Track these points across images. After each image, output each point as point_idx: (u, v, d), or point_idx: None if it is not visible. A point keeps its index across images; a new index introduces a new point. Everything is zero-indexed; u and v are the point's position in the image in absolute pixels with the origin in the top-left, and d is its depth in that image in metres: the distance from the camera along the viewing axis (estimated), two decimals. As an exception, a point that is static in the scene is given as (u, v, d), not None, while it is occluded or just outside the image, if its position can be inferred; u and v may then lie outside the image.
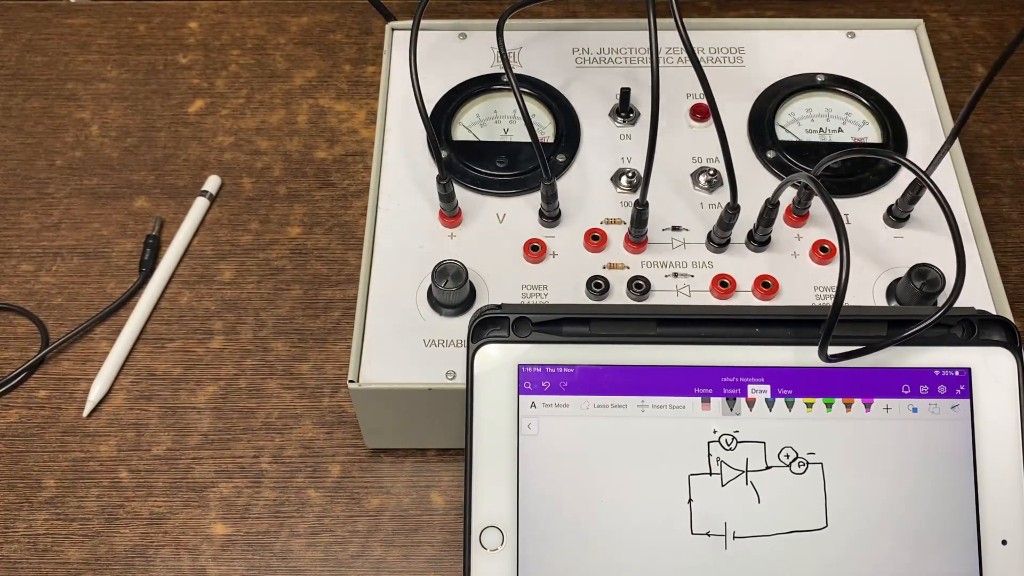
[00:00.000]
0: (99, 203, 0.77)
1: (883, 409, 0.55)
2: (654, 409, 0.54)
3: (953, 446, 0.54)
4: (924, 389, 0.55)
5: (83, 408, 0.67)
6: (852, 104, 0.70)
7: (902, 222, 0.64)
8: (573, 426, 0.54)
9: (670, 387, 0.55)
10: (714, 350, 0.55)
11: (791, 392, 0.55)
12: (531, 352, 0.55)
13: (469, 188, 0.66)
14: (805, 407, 0.55)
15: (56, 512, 0.64)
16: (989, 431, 0.54)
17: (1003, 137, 0.80)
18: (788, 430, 0.54)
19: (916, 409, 0.54)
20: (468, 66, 0.72)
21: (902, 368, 0.55)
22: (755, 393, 0.55)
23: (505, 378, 0.54)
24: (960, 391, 0.55)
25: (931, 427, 0.54)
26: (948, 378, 0.55)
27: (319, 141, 0.80)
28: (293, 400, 0.68)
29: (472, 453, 0.54)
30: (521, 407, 0.54)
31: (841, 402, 0.55)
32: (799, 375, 0.55)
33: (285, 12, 0.88)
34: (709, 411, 0.54)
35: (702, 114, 0.69)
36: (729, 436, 0.54)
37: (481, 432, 0.54)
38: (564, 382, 0.55)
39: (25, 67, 0.84)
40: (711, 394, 0.55)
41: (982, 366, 0.55)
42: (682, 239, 0.64)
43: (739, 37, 0.73)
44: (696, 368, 0.55)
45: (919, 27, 0.73)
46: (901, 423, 0.54)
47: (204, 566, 0.62)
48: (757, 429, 0.54)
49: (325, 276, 0.73)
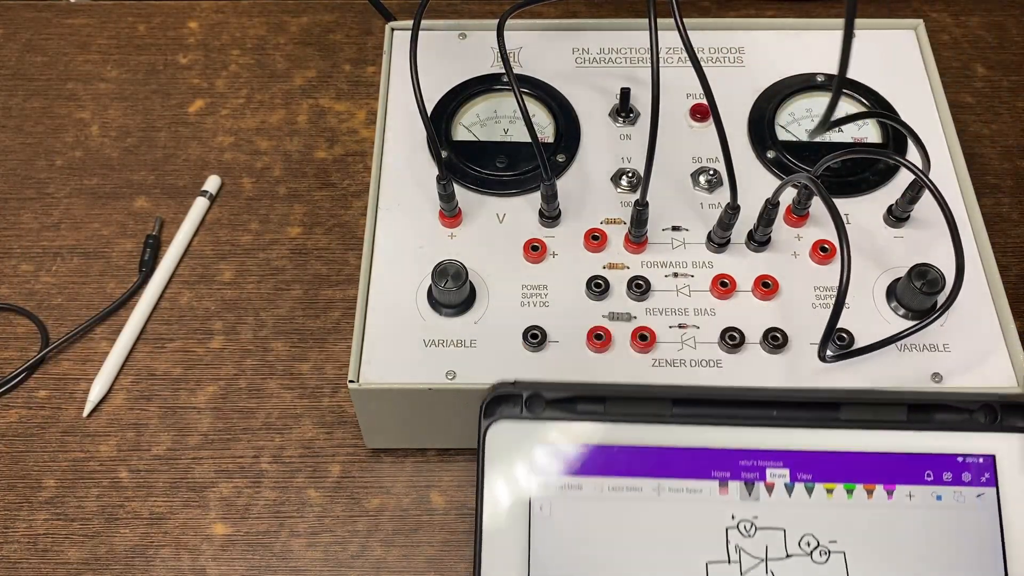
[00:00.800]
0: (99, 203, 0.77)
1: (906, 496, 0.53)
2: (670, 492, 0.53)
3: (980, 536, 0.52)
4: (948, 476, 0.53)
5: (83, 408, 0.67)
6: (852, 104, 0.70)
7: (902, 222, 0.64)
8: (587, 509, 0.53)
9: (687, 469, 0.53)
10: (731, 431, 0.54)
11: (811, 476, 0.54)
12: (544, 430, 0.54)
13: (469, 188, 0.66)
14: (825, 492, 0.53)
15: (56, 512, 0.64)
16: (1018, 521, 0.52)
17: (1003, 137, 0.80)
18: (809, 516, 0.53)
19: (940, 497, 0.53)
20: (468, 66, 0.72)
21: (923, 454, 0.54)
22: (774, 477, 0.53)
23: (517, 457, 0.54)
24: (985, 479, 0.53)
25: (957, 516, 0.53)
26: (972, 465, 0.53)
27: (319, 141, 0.80)
28: (293, 400, 0.68)
29: (481, 533, 0.52)
30: (533, 488, 0.53)
31: (862, 488, 0.53)
32: (818, 459, 0.54)
33: (285, 12, 0.88)
34: (727, 495, 0.53)
35: (702, 114, 0.69)
36: (748, 522, 0.53)
37: (491, 512, 0.53)
38: (578, 462, 0.54)
39: (25, 67, 0.84)
40: (729, 477, 0.54)
41: (1007, 453, 0.54)
42: (682, 239, 0.64)
43: (739, 37, 0.73)
44: (713, 450, 0.54)
45: (919, 27, 0.73)
46: (926, 511, 0.53)
47: (204, 566, 0.62)
48: (776, 515, 0.53)
49: (325, 276, 0.73)
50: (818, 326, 0.58)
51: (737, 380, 0.58)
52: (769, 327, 0.60)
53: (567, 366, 0.59)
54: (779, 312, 0.61)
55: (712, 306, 0.61)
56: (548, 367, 0.59)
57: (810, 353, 0.59)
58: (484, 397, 0.54)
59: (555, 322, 0.60)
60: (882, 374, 0.59)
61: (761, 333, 0.60)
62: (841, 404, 0.55)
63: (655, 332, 0.60)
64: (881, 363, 0.59)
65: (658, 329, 0.60)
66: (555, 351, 0.60)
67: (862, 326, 0.60)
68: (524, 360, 0.59)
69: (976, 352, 0.60)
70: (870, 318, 0.61)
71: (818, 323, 0.59)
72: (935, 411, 0.55)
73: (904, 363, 0.59)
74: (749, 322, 0.60)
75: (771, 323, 0.60)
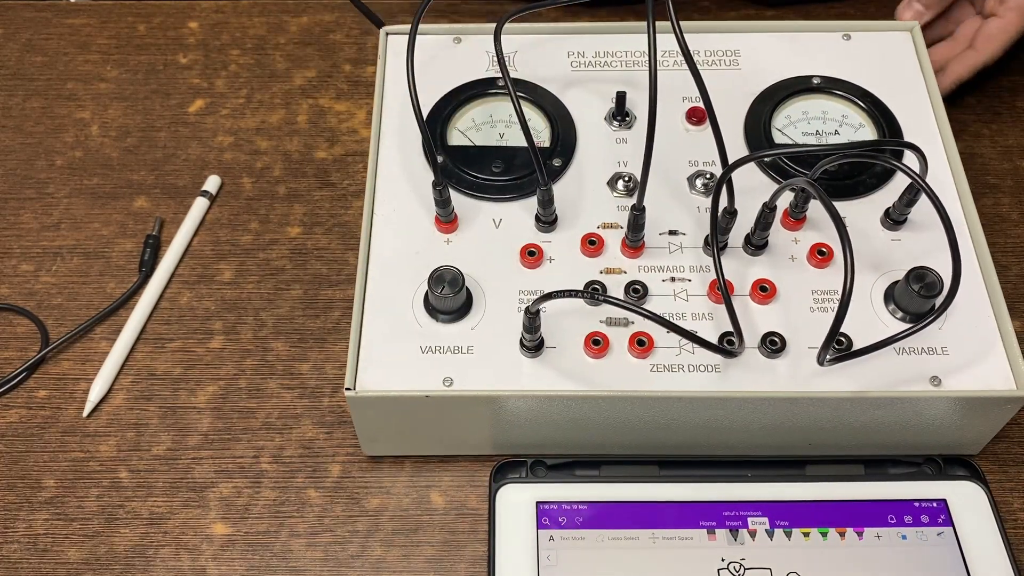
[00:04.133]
0: (99, 203, 0.77)
1: (875, 537, 0.59)
2: (664, 540, 0.59)
3: (947, 568, 0.58)
4: (908, 519, 0.60)
5: (83, 408, 0.67)
6: (848, 106, 0.70)
7: (899, 225, 0.64)
8: (590, 557, 0.58)
9: (676, 521, 0.59)
10: (713, 487, 0.61)
11: (788, 523, 0.60)
12: (548, 491, 0.60)
13: (465, 193, 0.66)
14: (803, 536, 0.59)
15: (56, 512, 0.64)
16: (977, 552, 0.59)
17: (1003, 137, 0.80)
18: (791, 557, 0.59)
19: (905, 536, 0.59)
20: (463, 70, 0.72)
21: (883, 500, 0.60)
22: (755, 524, 0.60)
23: (525, 514, 0.60)
24: (942, 519, 0.60)
25: (922, 552, 0.59)
26: (928, 509, 0.60)
27: (319, 141, 0.80)
28: (293, 400, 0.68)
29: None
30: (540, 540, 0.59)
31: (835, 531, 0.59)
32: (792, 508, 0.60)
33: (285, 12, 0.88)
34: (715, 541, 0.59)
35: (698, 117, 0.69)
36: (736, 564, 0.58)
37: (503, 564, 0.58)
38: (579, 517, 0.60)
39: (25, 67, 0.85)
40: (715, 526, 0.60)
41: (956, 498, 0.61)
42: (679, 243, 0.64)
43: (734, 40, 0.73)
44: (698, 504, 0.60)
45: (914, 28, 0.73)
46: (893, 549, 0.59)
47: (204, 566, 0.62)
48: (762, 556, 0.59)
49: (325, 276, 0.73)
50: (816, 330, 0.59)
51: (735, 385, 0.59)
52: (767, 331, 0.60)
53: (565, 372, 0.59)
54: (777, 316, 0.61)
55: (710, 310, 0.62)
56: (545, 373, 0.59)
57: (808, 357, 0.59)
58: (494, 465, 0.61)
59: (552, 328, 0.61)
60: (880, 378, 0.59)
61: (759, 337, 0.60)
62: (807, 462, 0.63)
63: (653, 337, 0.60)
64: (879, 367, 0.59)
65: (656, 334, 0.60)
66: (553, 357, 0.60)
67: (860, 330, 0.60)
68: (521, 366, 0.60)
69: (974, 355, 0.60)
70: (868, 322, 0.61)
71: (816, 327, 0.59)
72: (889, 465, 0.62)
73: (902, 366, 0.59)
74: (747, 326, 0.60)
75: (769, 327, 0.60)
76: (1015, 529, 0.63)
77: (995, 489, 0.63)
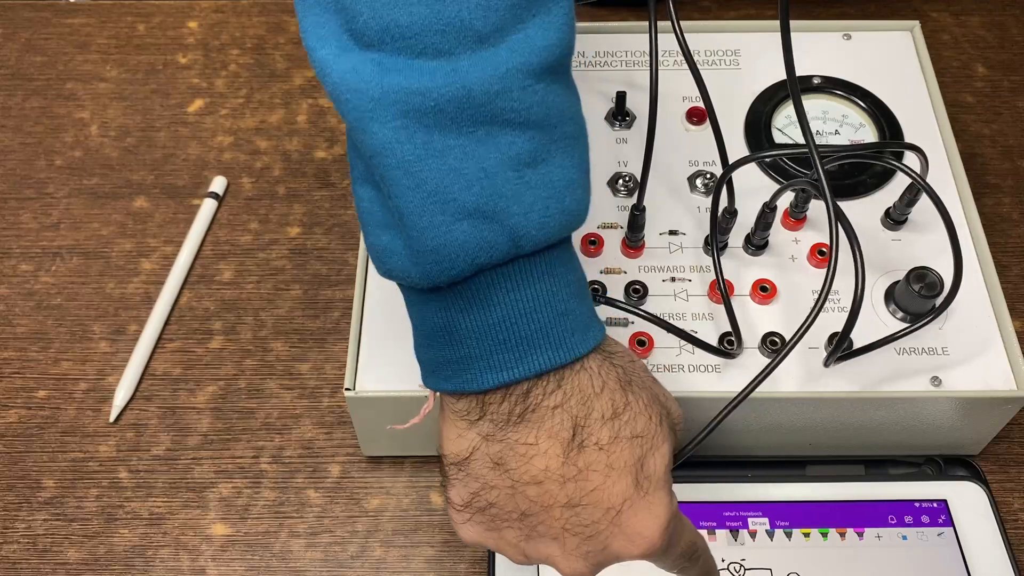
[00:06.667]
0: (99, 203, 0.77)
1: (875, 537, 0.59)
2: None
3: (947, 568, 0.58)
4: (908, 519, 0.60)
5: (85, 410, 0.67)
6: (849, 106, 0.70)
7: (900, 224, 0.64)
8: None
9: None
10: (713, 487, 0.61)
11: (788, 524, 0.60)
12: None
13: (466, 192, 0.66)
14: (803, 536, 0.59)
15: (56, 512, 0.64)
16: (977, 552, 0.59)
17: (1003, 137, 0.80)
18: (791, 557, 0.58)
19: (906, 537, 0.59)
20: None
21: (884, 501, 0.60)
22: (756, 525, 0.60)
23: None
24: (942, 520, 0.60)
25: (923, 552, 0.59)
26: (928, 509, 0.60)
27: (319, 141, 0.80)
28: (293, 400, 0.68)
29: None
30: None
31: (835, 532, 0.59)
32: (791, 509, 0.60)
33: (285, 12, 0.88)
34: (716, 541, 0.59)
35: (698, 117, 0.69)
36: (737, 564, 0.58)
37: (503, 564, 0.58)
38: None
39: (25, 67, 0.85)
40: (716, 527, 0.60)
41: (956, 498, 0.61)
42: (679, 243, 0.64)
43: (734, 40, 0.73)
44: (699, 504, 0.60)
45: (915, 28, 0.73)
46: (894, 549, 0.59)
47: (204, 566, 0.62)
48: (762, 557, 0.59)
49: (325, 276, 0.73)
50: (817, 330, 0.59)
51: (735, 385, 0.58)
52: (767, 331, 0.60)
53: (564, 370, 0.59)
54: (777, 316, 0.61)
55: (710, 311, 0.61)
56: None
57: (809, 357, 0.59)
58: None
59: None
60: (881, 378, 0.59)
61: (759, 337, 0.60)
62: (807, 462, 0.63)
63: (653, 337, 0.60)
64: (880, 367, 0.59)
65: (656, 334, 0.60)
66: (552, 355, 0.60)
67: (860, 329, 0.60)
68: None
69: (975, 355, 0.60)
70: (868, 321, 0.61)
71: (817, 327, 0.59)
72: (889, 466, 0.63)
73: (903, 366, 0.59)
74: (747, 326, 0.60)
75: (769, 327, 0.60)
76: (1015, 529, 0.63)
77: (995, 489, 0.63)
